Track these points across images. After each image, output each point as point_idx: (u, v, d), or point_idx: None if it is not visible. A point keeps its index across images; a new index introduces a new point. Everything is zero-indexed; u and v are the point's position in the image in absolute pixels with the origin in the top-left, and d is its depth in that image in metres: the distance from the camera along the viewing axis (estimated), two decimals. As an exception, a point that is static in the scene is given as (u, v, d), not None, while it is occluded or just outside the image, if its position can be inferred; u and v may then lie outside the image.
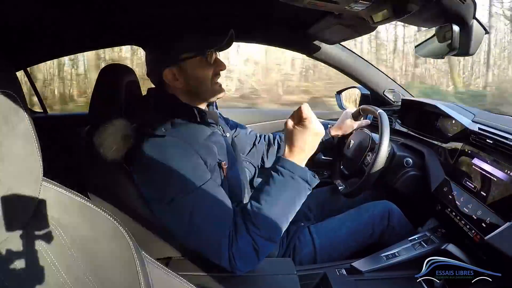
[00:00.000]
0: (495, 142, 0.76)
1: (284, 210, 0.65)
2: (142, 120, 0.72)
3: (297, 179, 0.65)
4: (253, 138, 1.15)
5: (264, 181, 0.68)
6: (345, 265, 0.78)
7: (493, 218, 0.68)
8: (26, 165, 0.37)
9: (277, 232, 0.66)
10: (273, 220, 0.64)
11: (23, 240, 0.38)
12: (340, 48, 1.31)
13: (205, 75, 0.77)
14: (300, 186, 0.66)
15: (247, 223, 0.64)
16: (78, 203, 0.45)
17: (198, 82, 0.77)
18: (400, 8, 0.59)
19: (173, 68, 0.75)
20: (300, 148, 0.66)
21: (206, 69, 0.77)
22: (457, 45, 0.65)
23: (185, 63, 0.75)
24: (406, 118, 1.24)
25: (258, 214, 0.64)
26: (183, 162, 0.67)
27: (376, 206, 0.98)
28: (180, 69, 0.76)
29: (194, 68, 0.76)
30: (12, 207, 0.35)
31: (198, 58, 0.75)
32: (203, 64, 0.76)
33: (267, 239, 0.65)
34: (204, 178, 0.67)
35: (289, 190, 0.65)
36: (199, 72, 0.76)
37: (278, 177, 0.65)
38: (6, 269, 0.36)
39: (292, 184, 0.65)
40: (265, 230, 0.64)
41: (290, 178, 0.65)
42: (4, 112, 0.34)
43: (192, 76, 0.76)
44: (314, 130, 0.66)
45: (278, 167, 0.66)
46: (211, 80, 0.78)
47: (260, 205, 0.64)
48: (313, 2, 0.59)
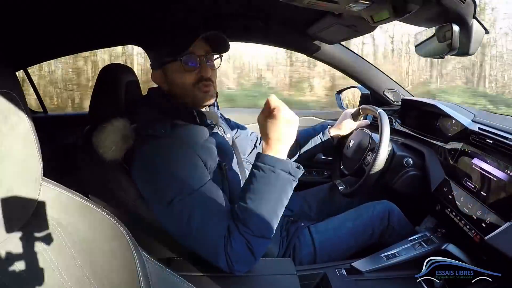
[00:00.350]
0: (495, 142, 0.76)
1: (271, 205, 0.64)
2: (142, 121, 0.72)
3: (278, 173, 0.64)
4: (254, 139, 1.15)
5: (247, 180, 0.67)
6: (345, 265, 0.78)
7: (493, 218, 0.68)
8: (26, 165, 0.37)
9: (268, 228, 0.66)
10: (262, 217, 0.64)
11: (23, 240, 0.38)
12: (340, 48, 1.31)
13: (184, 80, 0.75)
14: (283, 179, 0.65)
15: (238, 223, 0.64)
16: (78, 203, 0.45)
17: (179, 87, 0.76)
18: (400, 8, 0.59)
19: (158, 71, 0.77)
20: (276, 140, 0.65)
21: (185, 75, 0.75)
22: (457, 45, 0.65)
23: (167, 67, 0.75)
24: (406, 118, 1.24)
25: (246, 213, 0.63)
26: (183, 163, 0.67)
27: (376, 206, 0.98)
28: (164, 72, 0.77)
29: (173, 72, 0.76)
30: (12, 207, 0.35)
31: (177, 62, 0.74)
32: (181, 69, 0.75)
33: (259, 237, 0.64)
34: (203, 180, 0.67)
35: (272, 185, 0.64)
36: (177, 77, 0.76)
37: (259, 173, 0.64)
38: (6, 269, 0.36)
39: (274, 178, 0.64)
40: (256, 228, 0.63)
41: (271, 172, 0.64)
42: (4, 112, 0.34)
43: (172, 81, 0.76)
44: (285, 118, 0.64)
45: (258, 163, 0.65)
46: (192, 86, 0.76)
47: (246, 204, 0.64)
48: (313, 2, 0.59)
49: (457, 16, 0.63)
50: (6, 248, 0.36)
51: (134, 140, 0.70)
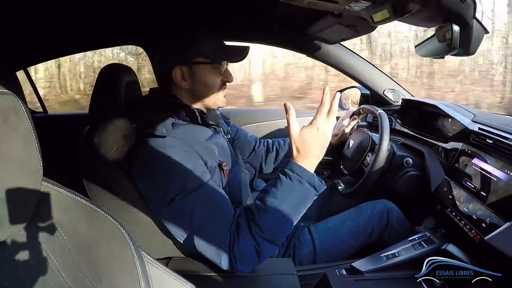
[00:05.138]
0: (495, 142, 0.76)
1: (289, 213, 0.65)
2: (143, 120, 0.72)
3: (304, 184, 0.65)
4: (253, 142, 1.15)
5: (271, 183, 0.67)
6: (345, 265, 0.78)
7: (493, 218, 0.68)
8: (26, 165, 0.37)
9: (280, 235, 0.66)
10: (277, 223, 0.64)
11: (23, 240, 0.38)
12: (340, 48, 1.31)
13: (214, 82, 0.78)
14: (307, 191, 0.66)
15: (251, 223, 0.64)
16: (78, 203, 0.45)
17: (205, 88, 0.78)
18: (400, 7, 0.59)
19: (184, 67, 0.76)
20: (308, 151, 0.66)
21: (216, 77, 0.78)
22: (457, 45, 0.65)
23: (198, 66, 0.76)
24: (406, 118, 1.24)
25: (263, 215, 0.64)
26: (184, 163, 0.67)
27: (375, 205, 0.98)
28: (191, 70, 0.76)
29: (204, 73, 0.77)
30: (12, 208, 0.35)
31: (211, 65, 0.76)
32: (214, 72, 0.78)
33: (269, 242, 0.64)
34: (204, 179, 0.67)
35: (295, 194, 0.65)
36: (208, 78, 0.78)
37: (286, 180, 0.65)
38: (6, 269, 0.36)
39: (299, 189, 0.65)
40: (268, 232, 0.64)
41: (298, 182, 0.65)
42: (4, 112, 0.34)
43: (201, 80, 0.77)
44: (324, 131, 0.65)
45: (287, 170, 0.66)
46: (218, 89, 0.80)
47: (265, 207, 0.64)
48: (313, 2, 0.59)
49: (457, 16, 0.63)
50: (6, 248, 0.36)
51: (135, 139, 0.70)
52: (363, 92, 1.47)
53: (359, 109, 1.14)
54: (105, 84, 0.80)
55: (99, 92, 0.80)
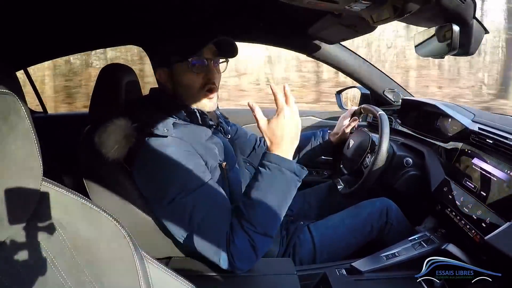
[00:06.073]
0: (495, 142, 0.76)
1: (275, 204, 0.65)
2: (143, 120, 0.72)
3: (284, 171, 0.65)
4: (253, 141, 1.15)
5: (253, 177, 0.68)
6: (345, 265, 0.78)
7: (493, 218, 0.68)
8: (26, 165, 0.37)
9: (272, 226, 0.66)
10: (266, 214, 0.65)
11: (23, 240, 0.38)
12: (340, 48, 1.31)
13: (190, 82, 0.75)
14: (289, 178, 0.66)
15: (241, 220, 0.64)
16: (78, 203, 0.45)
17: (183, 89, 0.76)
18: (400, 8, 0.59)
19: (164, 69, 0.76)
20: (280, 138, 0.66)
21: (192, 77, 0.74)
22: (457, 45, 0.65)
23: (175, 66, 0.75)
24: (406, 118, 1.24)
25: (250, 210, 0.64)
26: (184, 163, 0.67)
27: (375, 204, 0.98)
28: (171, 71, 0.76)
29: (180, 73, 0.75)
30: (11, 207, 0.35)
31: (185, 63, 0.73)
32: (188, 71, 0.74)
33: (262, 235, 0.65)
34: (204, 179, 0.67)
35: (278, 183, 0.66)
36: (184, 78, 0.75)
37: (265, 171, 0.66)
38: (6, 269, 0.36)
39: (280, 177, 0.66)
40: (260, 225, 0.64)
41: (277, 171, 0.65)
42: (4, 112, 0.34)
43: (178, 81, 0.76)
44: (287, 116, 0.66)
45: (265, 162, 0.66)
46: (198, 90, 0.76)
47: (251, 201, 0.64)
48: (313, 2, 0.59)
49: (457, 16, 0.63)
50: (6, 248, 0.36)
51: (136, 139, 0.70)
52: (363, 92, 1.47)
53: (360, 108, 1.14)
54: (105, 84, 0.80)
55: (99, 92, 0.80)
